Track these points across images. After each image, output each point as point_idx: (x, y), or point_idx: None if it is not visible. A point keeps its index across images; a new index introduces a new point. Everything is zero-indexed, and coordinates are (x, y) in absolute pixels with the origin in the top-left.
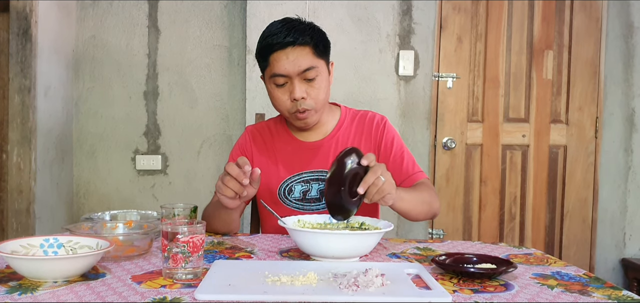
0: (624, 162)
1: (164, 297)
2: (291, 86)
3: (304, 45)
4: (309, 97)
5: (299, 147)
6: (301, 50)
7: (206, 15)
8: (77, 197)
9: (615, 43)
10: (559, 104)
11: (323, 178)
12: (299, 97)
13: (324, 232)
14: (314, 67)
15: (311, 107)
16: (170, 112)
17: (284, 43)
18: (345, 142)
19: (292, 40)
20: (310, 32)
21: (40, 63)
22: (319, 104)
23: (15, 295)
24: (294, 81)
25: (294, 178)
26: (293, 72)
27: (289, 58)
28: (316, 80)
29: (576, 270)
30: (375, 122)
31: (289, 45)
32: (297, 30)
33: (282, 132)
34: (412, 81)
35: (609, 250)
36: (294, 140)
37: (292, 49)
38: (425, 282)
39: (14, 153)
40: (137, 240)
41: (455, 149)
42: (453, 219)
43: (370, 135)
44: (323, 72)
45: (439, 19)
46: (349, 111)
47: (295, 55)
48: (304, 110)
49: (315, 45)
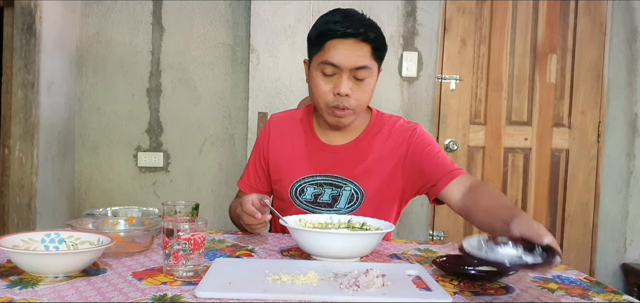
0: (626, 166)
1: (164, 293)
2: (338, 79)
3: (366, 42)
4: (353, 96)
5: (320, 147)
6: (361, 47)
7: (210, 13)
8: (78, 192)
9: (619, 47)
10: (562, 107)
11: (337, 184)
12: (343, 93)
13: (325, 232)
14: (368, 68)
15: (352, 107)
16: (173, 110)
17: (346, 33)
18: (369, 150)
19: (354, 33)
20: (374, 31)
21: (43, 58)
22: (360, 106)
23: (15, 289)
24: (342, 75)
25: (307, 179)
26: (346, 66)
27: (345, 49)
28: (365, 82)
29: (577, 274)
30: (404, 128)
31: (351, 37)
32: (363, 25)
33: (307, 128)
34: (415, 82)
35: (609, 255)
36: (316, 139)
37: (352, 42)
38: (425, 283)
39: (16, 148)
40: (138, 236)
41: (457, 151)
42: (454, 221)
43: (396, 143)
44: (374, 75)
45: (443, 21)
46: (380, 117)
47: (354, 49)
48: (344, 108)
49: (376, 47)
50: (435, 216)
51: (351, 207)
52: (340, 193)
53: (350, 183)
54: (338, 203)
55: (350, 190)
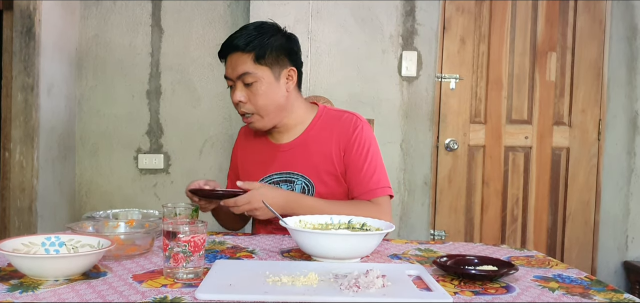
0: (627, 164)
1: (164, 296)
2: (234, 89)
3: (245, 52)
4: (249, 101)
5: (271, 148)
6: (240, 57)
7: (209, 14)
8: (79, 195)
9: (619, 45)
10: (562, 106)
11: (290, 180)
12: (234, 101)
13: (325, 233)
14: (251, 73)
15: (251, 111)
16: (173, 111)
17: (228, 46)
18: (314, 144)
19: (235, 46)
20: (257, 40)
21: (43, 61)
22: (259, 109)
23: (16, 293)
24: (236, 84)
25: (265, 179)
26: (233, 76)
27: (231, 63)
28: (254, 86)
29: (578, 273)
30: (345, 124)
31: (233, 50)
32: (243, 37)
33: (261, 134)
34: (414, 82)
35: (611, 253)
36: (267, 141)
37: (233, 55)
38: (426, 283)
39: (17, 151)
40: (138, 239)
41: (457, 150)
42: (455, 221)
43: (339, 138)
44: (264, 78)
45: (442, 20)
46: (327, 111)
47: (235, 60)
48: (245, 114)
49: (258, 55)
50: (436, 215)
51: None
52: (293, 188)
53: (301, 177)
54: None
55: (301, 184)
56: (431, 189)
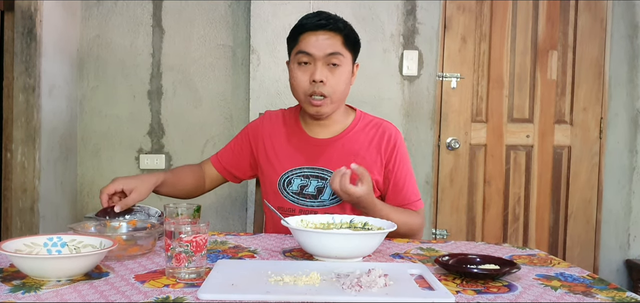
0: (629, 163)
1: (167, 296)
2: (313, 67)
3: (336, 32)
4: (328, 83)
5: (306, 141)
6: (331, 36)
7: (210, 14)
8: (81, 195)
9: (620, 43)
10: (564, 104)
11: (323, 176)
12: (318, 79)
13: (327, 232)
14: (340, 55)
15: (328, 94)
16: (174, 112)
17: (316, 25)
18: (353, 146)
19: (324, 24)
20: (343, 23)
21: (44, 62)
22: (336, 93)
23: (18, 294)
24: (317, 63)
25: (294, 171)
26: (319, 54)
27: (318, 39)
28: (339, 69)
29: (580, 271)
30: (387, 135)
31: (321, 28)
32: (332, 18)
33: (294, 123)
34: (416, 81)
35: (613, 252)
36: (303, 133)
37: (323, 32)
38: (428, 282)
39: (18, 152)
40: (140, 239)
41: (459, 149)
42: (456, 220)
43: (380, 147)
44: (347, 64)
45: (443, 19)
46: (364, 116)
47: (325, 38)
48: (321, 95)
49: (347, 36)
50: (437, 214)
51: (335, 199)
52: (324, 186)
53: None
54: (322, 195)
55: None
56: (433, 188)
